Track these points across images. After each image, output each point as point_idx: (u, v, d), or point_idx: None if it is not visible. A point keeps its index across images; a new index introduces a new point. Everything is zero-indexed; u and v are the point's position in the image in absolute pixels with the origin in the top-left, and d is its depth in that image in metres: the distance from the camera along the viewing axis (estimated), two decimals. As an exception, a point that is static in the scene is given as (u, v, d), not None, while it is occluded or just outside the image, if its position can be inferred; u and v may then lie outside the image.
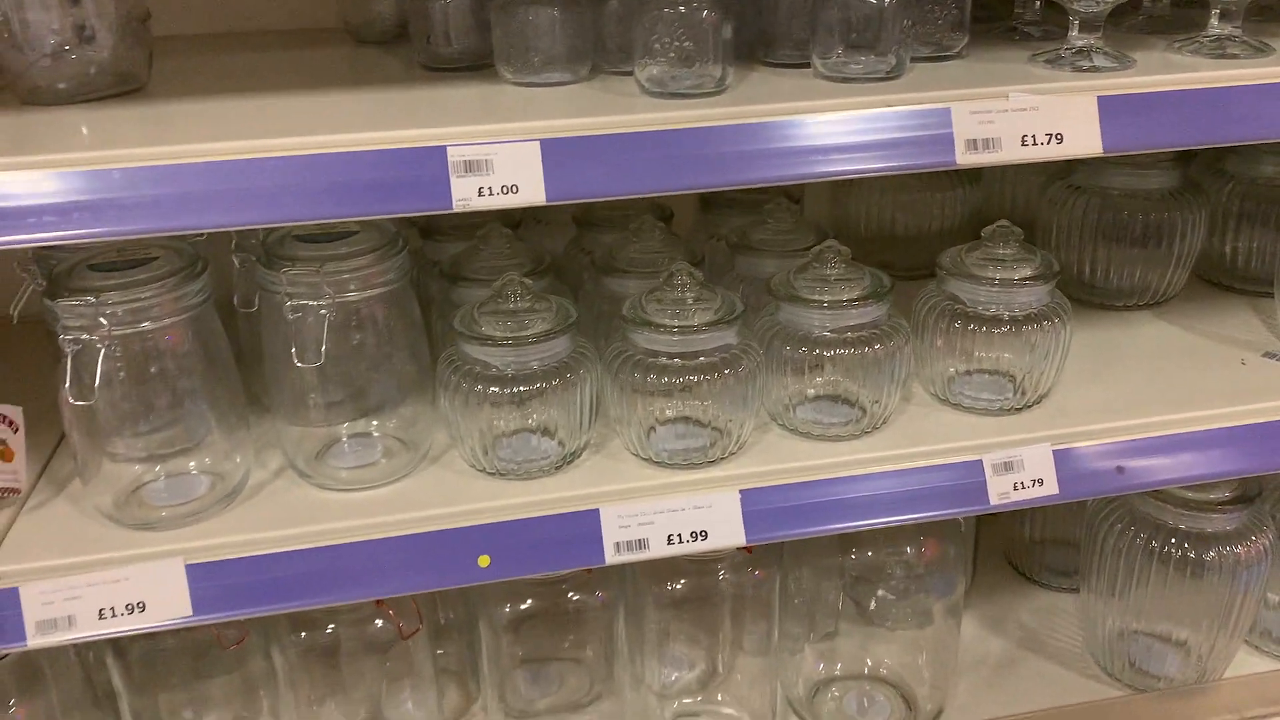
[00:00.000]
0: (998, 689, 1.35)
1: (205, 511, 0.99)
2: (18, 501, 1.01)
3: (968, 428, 1.10)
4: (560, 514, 1.00)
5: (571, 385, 1.01)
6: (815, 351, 1.05)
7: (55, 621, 0.91)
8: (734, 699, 1.29)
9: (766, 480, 1.03)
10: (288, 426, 1.04)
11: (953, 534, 1.22)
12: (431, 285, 1.21)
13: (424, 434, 1.07)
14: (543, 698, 1.27)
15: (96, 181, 0.80)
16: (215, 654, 1.12)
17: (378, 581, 0.97)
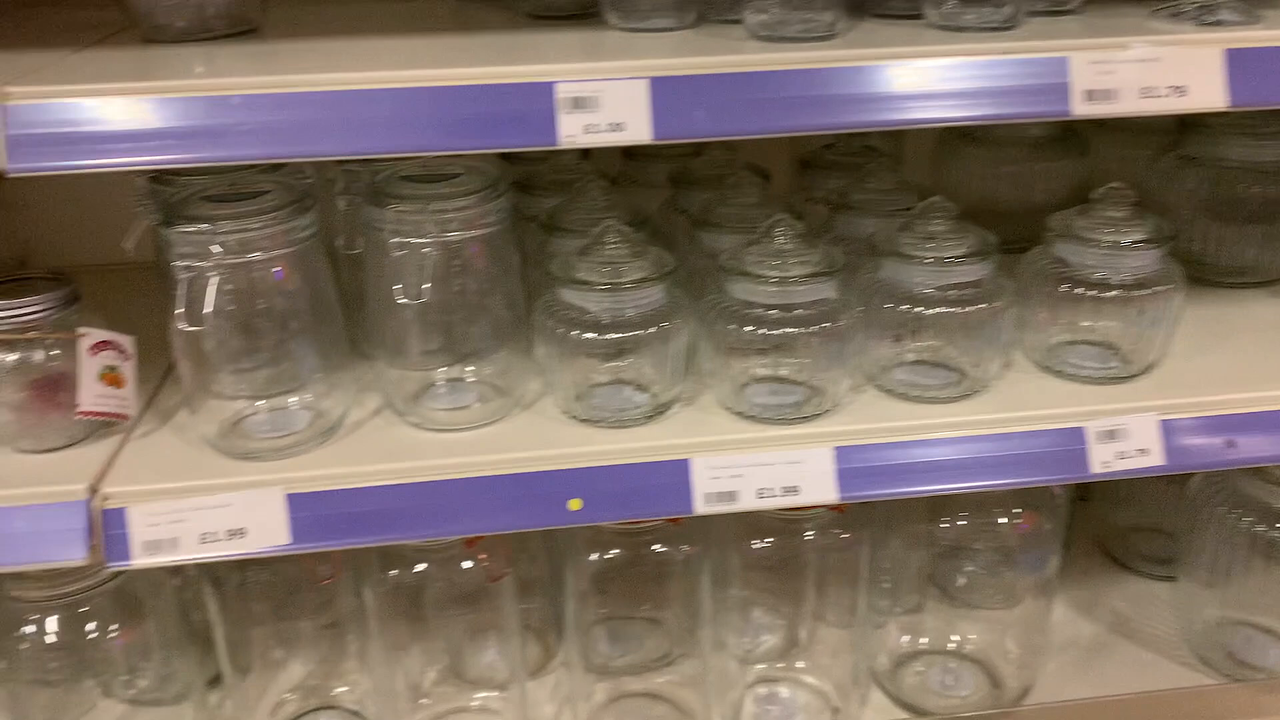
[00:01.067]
0: (1087, 672, 1.32)
1: (304, 445, 1.01)
2: (126, 428, 1.04)
3: (1070, 395, 1.08)
4: (651, 462, 1.00)
5: (666, 335, 1.00)
6: (917, 310, 1.03)
7: (160, 543, 0.94)
8: (815, 668, 1.28)
9: (861, 438, 1.02)
10: (387, 369, 1.06)
11: (1049, 508, 1.18)
12: (527, 240, 1.22)
13: (517, 381, 1.08)
14: (621, 656, 1.27)
15: (216, 107, 0.82)
16: (307, 590, 1.15)
17: (471, 519, 0.98)
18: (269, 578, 1.13)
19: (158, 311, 1.10)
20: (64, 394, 0.98)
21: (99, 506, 0.93)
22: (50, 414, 0.98)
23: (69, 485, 0.94)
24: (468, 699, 1.24)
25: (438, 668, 1.24)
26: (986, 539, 1.20)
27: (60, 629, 1.10)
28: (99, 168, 0.81)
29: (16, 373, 0.96)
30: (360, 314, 1.09)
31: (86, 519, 0.92)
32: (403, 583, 1.10)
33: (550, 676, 1.33)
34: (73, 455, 1.00)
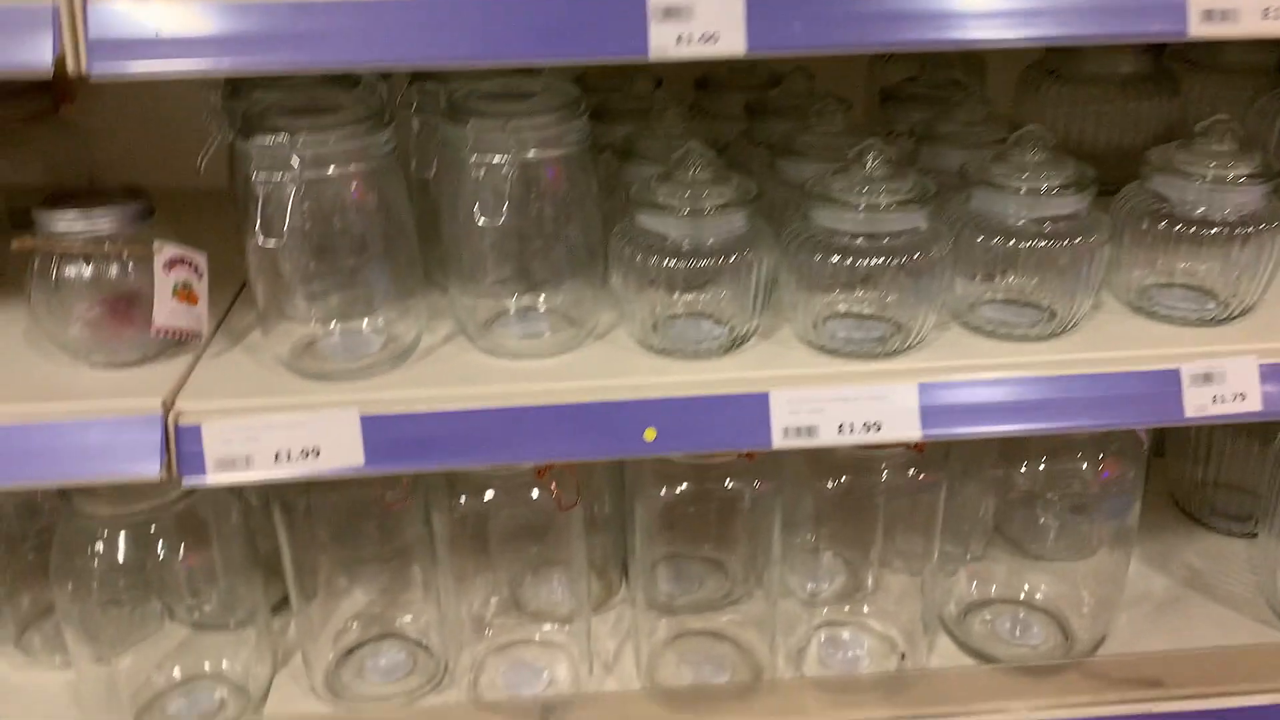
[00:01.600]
0: (1161, 626, 1.29)
1: (377, 368, 0.99)
2: (198, 347, 1.03)
3: (1164, 336, 1.04)
4: (730, 395, 0.97)
5: (748, 264, 0.97)
6: (1009, 243, 0.99)
7: (234, 460, 0.93)
8: (882, 612, 1.26)
9: (946, 375, 0.98)
10: (459, 296, 1.04)
11: (1134, 455, 1.15)
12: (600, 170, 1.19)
13: (590, 312, 1.05)
14: (685, 594, 1.26)
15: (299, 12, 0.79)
16: (375, 515, 1.14)
17: (545, 446, 0.96)
18: (337, 501, 1.12)
19: (225, 236, 1.09)
20: (137, 310, 0.97)
21: (173, 422, 0.92)
22: (123, 329, 0.97)
23: (144, 400, 0.93)
24: (531, 632, 1.24)
25: (501, 599, 1.23)
26: (1067, 485, 1.16)
27: (128, 548, 1.10)
28: (180, 73, 0.79)
29: (91, 287, 0.95)
30: (432, 241, 1.07)
31: (161, 434, 0.91)
32: (471, 510, 1.09)
33: (611, 613, 1.32)
34: (145, 371, 0.99)
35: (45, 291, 0.96)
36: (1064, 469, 1.16)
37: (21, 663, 1.31)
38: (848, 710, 1.16)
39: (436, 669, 1.21)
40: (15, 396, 0.94)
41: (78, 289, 0.95)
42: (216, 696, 1.22)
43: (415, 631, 1.25)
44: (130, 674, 1.17)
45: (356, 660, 1.23)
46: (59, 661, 1.30)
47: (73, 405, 0.93)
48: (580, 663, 1.20)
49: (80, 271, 0.95)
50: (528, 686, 1.19)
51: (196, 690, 1.22)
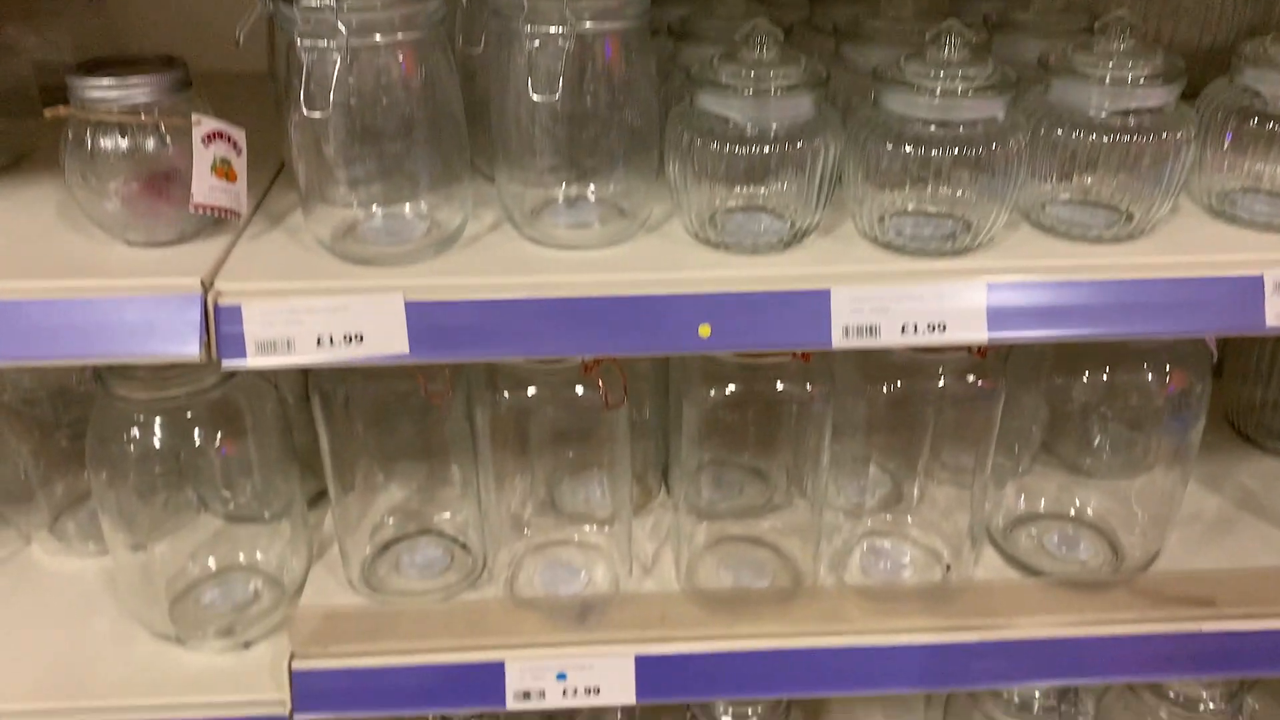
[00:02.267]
0: (1213, 546, 1.26)
1: (421, 253, 0.95)
2: (237, 227, 0.99)
3: (1246, 241, 0.99)
4: (789, 291, 0.93)
5: (814, 151, 0.92)
6: (1090, 137, 0.94)
7: (275, 343, 0.90)
8: (927, 523, 1.23)
9: (1016, 275, 0.94)
10: (506, 183, 0.99)
11: (1201, 369, 1.10)
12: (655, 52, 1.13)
13: (643, 203, 1.01)
14: (728, 499, 1.23)
15: None
16: (416, 408, 1.11)
17: (595, 339, 0.93)
18: (377, 393, 1.10)
19: (262, 117, 1.05)
20: (174, 185, 0.93)
21: (213, 302, 0.89)
22: (160, 206, 0.94)
23: (182, 278, 0.90)
24: (570, 533, 1.22)
25: (541, 499, 1.21)
26: (1128, 398, 1.12)
27: (164, 434, 1.08)
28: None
29: (127, 160, 0.91)
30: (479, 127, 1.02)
31: (201, 314, 0.88)
32: (514, 406, 1.06)
33: (650, 517, 1.30)
34: (183, 250, 0.96)
35: (79, 164, 0.92)
36: (1127, 380, 1.12)
37: (55, 549, 1.31)
38: (889, 619, 1.14)
39: (474, 566, 1.20)
40: (51, 272, 0.91)
41: (113, 161, 0.91)
42: (251, 587, 1.21)
43: (453, 529, 1.23)
44: (165, 562, 1.17)
45: (393, 555, 1.21)
46: (92, 549, 1.30)
47: (110, 282, 0.90)
48: (620, 565, 1.18)
49: (116, 143, 0.91)
50: (565, 586, 1.18)
51: (231, 581, 1.22)
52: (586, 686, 1.10)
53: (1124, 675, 1.23)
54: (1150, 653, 1.15)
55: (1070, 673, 1.17)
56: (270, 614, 1.18)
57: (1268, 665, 1.16)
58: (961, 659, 1.15)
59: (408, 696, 1.10)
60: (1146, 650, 1.15)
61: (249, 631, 1.16)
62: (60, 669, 1.13)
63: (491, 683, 1.09)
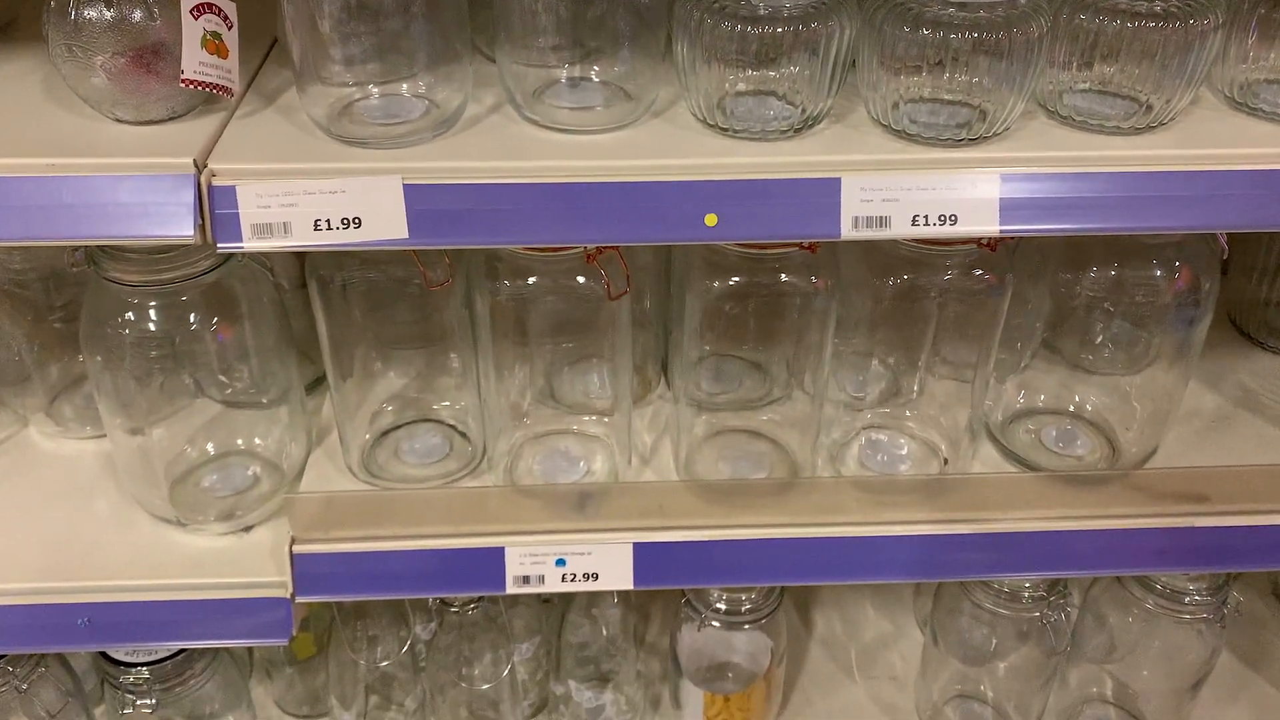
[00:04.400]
0: (1210, 443, 1.26)
1: (419, 135, 0.93)
2: (229, 106, 0.96)
3: (1268, 136, 0.96)
4: (797, 179, 0.91)
5: (828, 33, 0.89)
6: (1114, 23, 0.90)
7: (271, 226, 0.88)
8: (925, 417, 1.24)
9: (1031, 166, 0.92)
10: (507, 62, 0.96)
11: (1210, 266, 1.09)
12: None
13: (649, 86, 0.98)
14: (727, 391, 1.23)
15: None
16: (415, 296, 1.10)
17: (598, 227, 0.91)
18: (375, 280, 1.08)
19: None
20: (163, 61, 0.90)
21: (207, 182, 0.87)
22: (149, 81, 0.90)
23: (174, 158, 0.87)
24: (569, 423, 1.22)
25: (540, 388, 1.20)
26: (1134, 294, 1.11)
27: (159, 317, 1.07)
28: None
29: (113, 31, 0.88)
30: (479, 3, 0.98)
31: (195, 194, 0.86)
32: (514, 294, 1.05)
33: (649, 408, 1.30)
34: (173, 129, 0.93)
35: (63, 35, 0.88)
36: (1134, 276, 1.10)
37: (53, 431, 1.31)
38: (886, 511, 1.15)
39: (473, 455, 1.20)
40: (38, 150, 0.89)
41: (99, 33, 0.87)
42: (250, 472, 1.22)
43: (452, 417, 1.23)
44: (164, 446, 1.17)
45: (392, 442, 1.21)
46: (90, 431, 1.30)
47: (99, 160, 0.87)
48: (619, 455, 1.18)
49: (101, 13, 0.87)
50: (565, 476, 1.18)
51: (230, 465, 1.22)
52: (585, 572, 1.12)
53: (1115, 569, 1.25)
54: (1142, 547, 1.17)
55: (1062, 565, 1.18)
56: (270, 499, 1.18)
57: (1258, 560, 1.18)
58: (955, 550, 1.16)
59: (408, 581, 1.12)
60: (1138, 544, 1.16)
61: (249, 516, 1.17)
62: (60, 550, 1.14)
63: (491, 568, 1.10)
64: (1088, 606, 1.38)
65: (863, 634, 1.63)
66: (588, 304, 1.07)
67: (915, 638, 1.61)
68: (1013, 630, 1.35)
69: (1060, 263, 1.13)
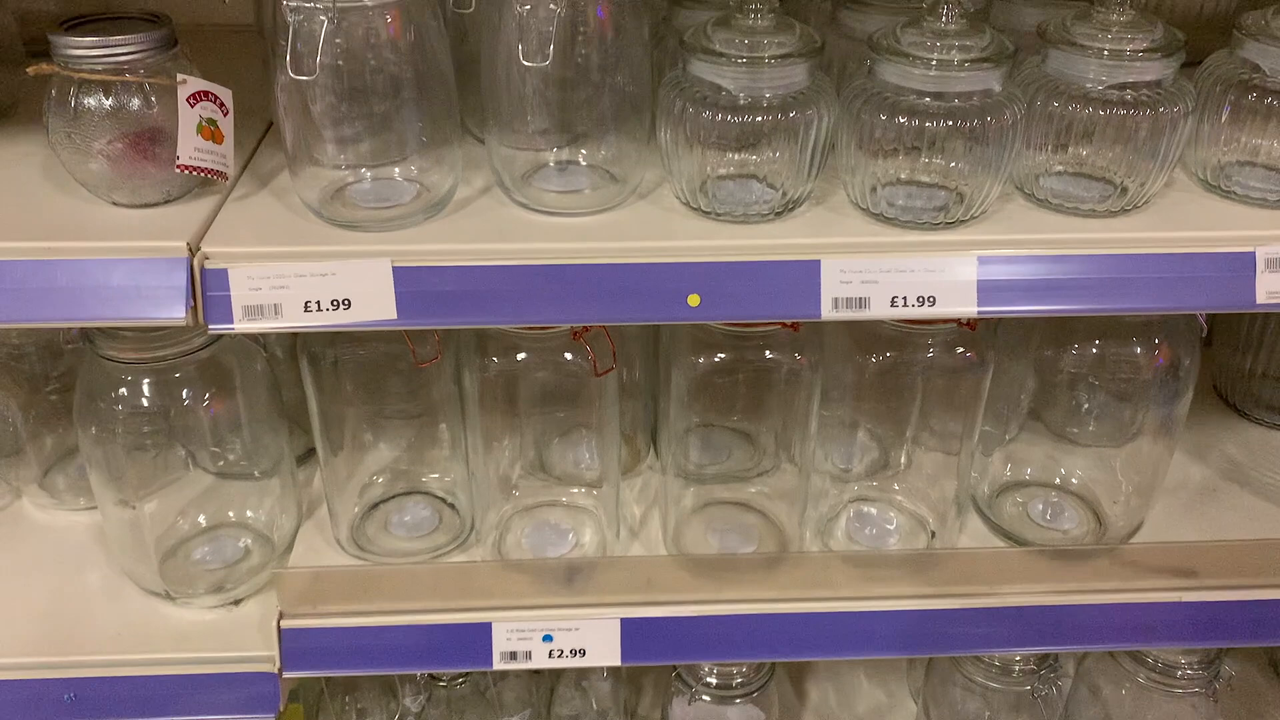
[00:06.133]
0: (1197, 516, 1.27)
1: (410, 218, 0.95)
2: (223, 189, 0.98)
3: (1239, 218, 0.98)
4: (778, 261, 0.93)
5: (806, 121, 0.91)
6: (1087, 110, 0.93)
7: (262, 308, 0.89)
8: (913, 490, 1.24)
9: (1007, 249, 0.94)
10: (497, 145, 0.98)
11: (1191, 342, 1.10)
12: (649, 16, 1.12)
13: (634, 169, 1.00)
14: (715, 463, 1.24)
15: None
16: (406, 372, 1.11)
17: (584, 307, 0.92)
18: (366, 356, 1.10)
19: (250, 74, 1.03)
20: (160, 146, 0.92)
21: (199, 265, 0.89)
22: (146, 166, 0.93)
23: (168, 241, 0.89)
24: (558, 494, 1.22)
25: (529, 461, 1.21)
26: (1117, 370, 1.13)
27: (152, 393, 1.08)
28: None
29: (112, 119, 0.90)
30: (469, 88, 1.01)
31: (187, 277, 0.88)
32: (503, 370, 1.06)
33: (638, 479, 1.31)
34: (169, 212, 0.95)
35: (63, 122, 0.91)
36: (1116, 353, 1.12)
37: (46, 503, 1.32)
38: (875, 585, 1.15)
39: (462, 527, 1.21)
40: (36, 232, 0.91)
41: (97, 120, 0.90)
42: (241, 544, 1.22)
43: (441, 489, 1.24)
44: (155, 519, 1.17)
45: (381, 515, 1.22)
46: (83, 503, 1.31)
47: (95, 244, 0.89)
48: (607, 527, 1.19)
49: (100, 102, 0.89)
50: (553, 548, 1.19)
51: (221, 537, 1.23)
52: (572, 648, 1.12)
53: (1105, 644, 1.24)
54: (1131, 622, 1.17)
55: (1051, 640, 1.18)
56: (260, 571, 1.18)
57: (1247, 635, 1.18)
58: (944, 625, 1.16)
59: (395, 656, 1.12)
60: (1127, 619, 1.16)
61: (238, 589, 1.17)
62: (50, 623, 1.14)
63: (478, 643, 1.10)
64: (1081, 679, 1.37)
65: (856, 705, 1.61)
66: (575, 380, 1.08)
67: (909, 708, 1.60)
68: (1005, 703, 1.34)
69: (1043, 339, 1.15)
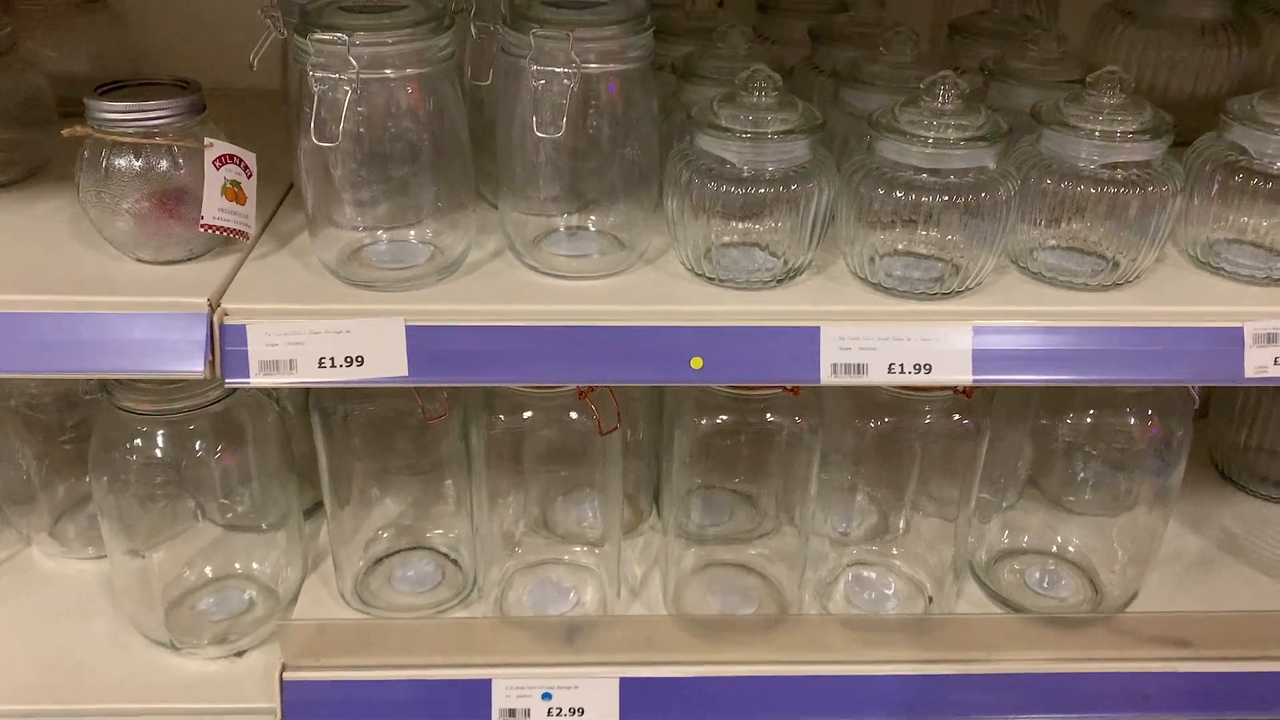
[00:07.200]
0: (1192, 587, 1.28)
1: (423, 279, 0.98)
2: (244, 248, 1.02)
3: (1228, 294, 1.01)
4: (779, 327, 0.96)
5: (807, 194, 0.95)
6: (1078, 188, 0.96)
7: (278, 364, 0.92)
8: (912, 555, 1.26)
9: (1002, 319, 0.96)
10: (508, 211, 1.02)
11: (1183, 414, 1.13)
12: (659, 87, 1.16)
13: (641, 236, 1.03)
14: (716, 525, 1.26)
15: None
16: (414, 428, 1.14)
17: (590, 368, 0.95)
18: (375, 411, 1.12)
19: (272, 135, 1.07)
20: (185, 206, 0.96)
21: (219, 321, 0.92)
22: (170, 225, 0.96)
23: (189, 298, 0.92)
24: (560, 552, 1.24)
25: (532, 518, 1.23)
26: (1111, 440, 1.15)
27: (166, 444, 1.11)
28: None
29: (140, 179, 0.94)
30: (483, 153, 1.05)
31: (207, 332, 0.91)
32: (509, 428, 1.09)
33: (640, 538, 1.33)
34: (191, 269, 0.98)
35: (94, 182, 0.94)
36: (1110, 423, 1.14)
37: (55, 551, 1.33)
38: (873, 649, 1.16)
39: (465, 583, 1.22)
40: (61, 287, 0.94)
41: (127, 180, 0.93)
42: (246, 596, 1.23)
43: (445, 545, 1.25)
44: (162, 569, 1.19)
45: (386, 569, 1.24)
46: (91, 552, 1.32)
47: (118, 298, 0.92)
48: (608, 586, 1.20)
49: (130, 163, 0.93)
50: (555, 606, 1.20)
51: (227, 589, 1.24)
52: (571, 707, 1.12)
53: (1101, 713, 1.24)
54: (1127, 691, 1.17)
55: (1048, 709, 1.18)
56: (264, 623, 1.20)
57: (1243, 707, 1.18)
58: (941, 691, 1.17)
59: (395, 710, 1.12)
60: (1123, 688, 1.17)
61: (242, 640, 1.18)
62: (54, 671, 1.15)
63: (478, 700, 1.11)
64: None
65: (854, 773, 1.60)
66: (580, 438, 1.10)
67: (907, 778, 1.59)
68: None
69: (1039, 408, 1.17)
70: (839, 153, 1.07)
